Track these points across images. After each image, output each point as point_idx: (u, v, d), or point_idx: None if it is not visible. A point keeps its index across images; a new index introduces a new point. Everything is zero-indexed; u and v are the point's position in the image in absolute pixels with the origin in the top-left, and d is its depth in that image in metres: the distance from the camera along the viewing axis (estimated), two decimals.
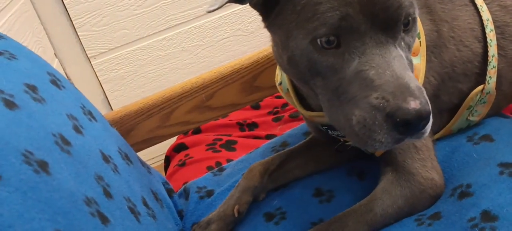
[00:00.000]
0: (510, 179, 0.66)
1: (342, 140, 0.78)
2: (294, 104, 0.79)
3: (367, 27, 0.55)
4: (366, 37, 0.56)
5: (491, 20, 0.79)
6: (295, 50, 0.60)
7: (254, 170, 0.84)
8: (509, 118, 0.85)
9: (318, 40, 0.57)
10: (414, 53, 0.69)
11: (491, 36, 0.78)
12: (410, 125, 0.52)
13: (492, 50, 0.78)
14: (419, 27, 0.71)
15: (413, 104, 0.51)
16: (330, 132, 0.77)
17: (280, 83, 0.81)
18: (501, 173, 0.67)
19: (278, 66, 0.83)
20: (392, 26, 0.57)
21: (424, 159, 0.72)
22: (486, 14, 0.79)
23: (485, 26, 0.78)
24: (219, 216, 0.80)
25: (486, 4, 0.81)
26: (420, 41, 0.72)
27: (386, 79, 0.53)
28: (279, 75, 0.82)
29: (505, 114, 0.88)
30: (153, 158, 1.89)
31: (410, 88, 0.53)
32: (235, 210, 0.79)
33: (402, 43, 0.59)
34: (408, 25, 0.59)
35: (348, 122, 0.57)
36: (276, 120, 1.41)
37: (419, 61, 0.72)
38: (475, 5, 0.81)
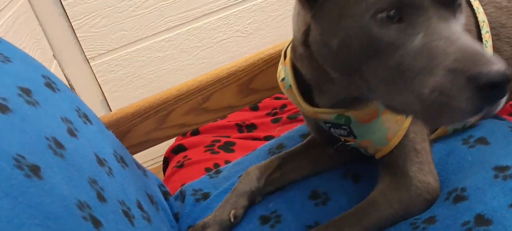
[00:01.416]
0: (505, 182, 0.66)
1: (343, 140, 0.78)
2: (297, 101, 0.77)
3: (429, 2, 0.54)
4: (429, 12, 0.54)
5: (487, 22, 0.79)
6: (352, 29, 0.57)
7: (251, 173, 0.84)
8: (504, 120, 0.85)
9: (379, 15, 0.54)
10: None
11: (487, 37, 0.78)
12: (495, 88, 0.48)
13: (488, 51, 0.78)
14: None
15: (496, 66, 0.47)
16: (332, 130, 0.76)
17: (283, 79, 0.80)
18: (496, 176, 0.67)
19: (280, 62, 0.81)
20: (452, 2, 0.55)
21: (422, 162, 0.72)
22: (481, 16, 0.79)
23: (481, 28, 0.78)
24: (215, 220, 0.80)
25: (482, 5, 0.81)
26: None
27: (460, 47, 0.50)
28: (282, 71, 0.80)
29: (500, 116, 0.88)
30: (152, 159, 1.89)
31: (487, 54, 0.49)
32: (231, 215, 0.79)
33: (459, 22, 0.57)
34: (460, 6, 0.58)
35: (418, 97, 0.52)
36: (275, 121, 1.41)
37: None
38: (471, 6, 0.81)
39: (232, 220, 0.79)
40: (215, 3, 1.76)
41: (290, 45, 0.77)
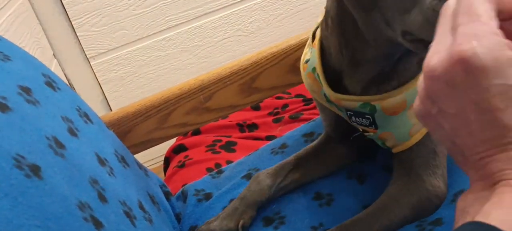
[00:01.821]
0: None
1: (361, 130, 0.76)
2: (316, 87, 0.74)
3: None
4: None
5: None
6: None
7: (262, 183, 0.81)
8: None
9: None
10: None
11: None
12: None
13: None
14: None
15: None
16: (353, 118, 0.73)
17: (307, 61, 0.77)
18: None
19: (307, 44, 0.79)
20: None
21: (437, 166, 0.71)
22: None
23: None
24: (222, 230, 0.78)
25: None
26: None
27: None
28: (308, 53, 0.77)
29: None
30: (153, 159, 1.89)
31: None
32: (239, 226, 0.77)
33: None
34: None
35: (420, 8, 0.50)
36: (276, 120, 1.40)
37: None
38: None
39: (240, 230, 0.78)
40: (216, 2, 1.75)
41: (319, 27, 0.75)
